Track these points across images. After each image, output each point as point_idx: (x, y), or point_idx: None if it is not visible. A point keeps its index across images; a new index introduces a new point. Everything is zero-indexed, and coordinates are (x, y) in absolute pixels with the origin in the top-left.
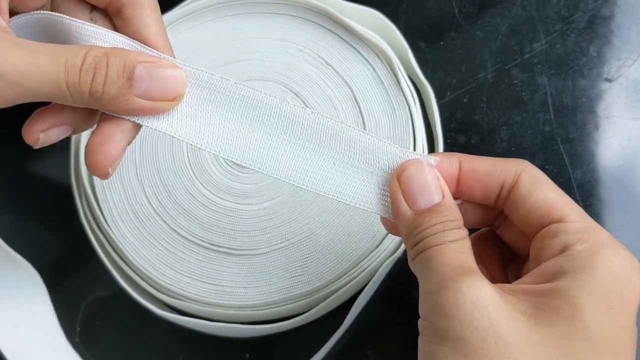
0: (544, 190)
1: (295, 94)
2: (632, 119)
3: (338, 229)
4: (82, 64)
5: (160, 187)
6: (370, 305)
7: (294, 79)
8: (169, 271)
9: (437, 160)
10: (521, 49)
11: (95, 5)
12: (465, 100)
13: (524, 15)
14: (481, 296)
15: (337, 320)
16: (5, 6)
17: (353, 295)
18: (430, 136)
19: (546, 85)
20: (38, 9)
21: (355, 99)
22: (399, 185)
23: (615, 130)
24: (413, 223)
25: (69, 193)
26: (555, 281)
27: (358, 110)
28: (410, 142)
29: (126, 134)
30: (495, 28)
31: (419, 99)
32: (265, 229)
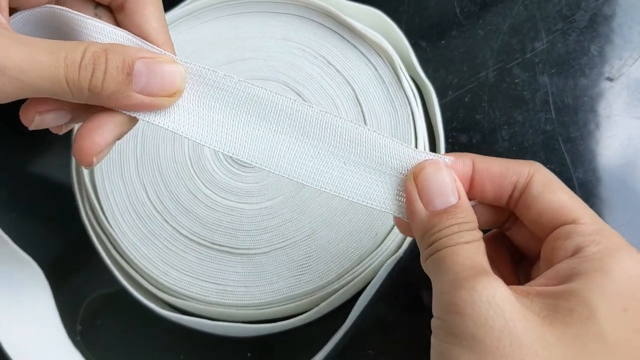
0: (556, 191)
1: (297, 93)
2: (634, 118)
3: (339, 228)
4: (82, 59)
5: (161, 186)
6: (371, 304)
7: (295, 78)
8: (170, 270)
9: (451, 160)
10: (522, 48)
11: (99, 2)
12: (466, 99)
13: (525, 14)
14: (496, 296)
15: (339, 320)
16: (4, 3)
17: (355, 295)
18: (431, 135)
19: (547, 85)
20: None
21: (357, 98)
22: (415, 185)
23: (616, 130)
24: (428, 224)
25: (70, 192)
26: (569, 283)
27: (359, 109)
28: (412, 141)
29: (117, 126)
30: (497, 27)
31: (420, 98)
32: (267, 228)
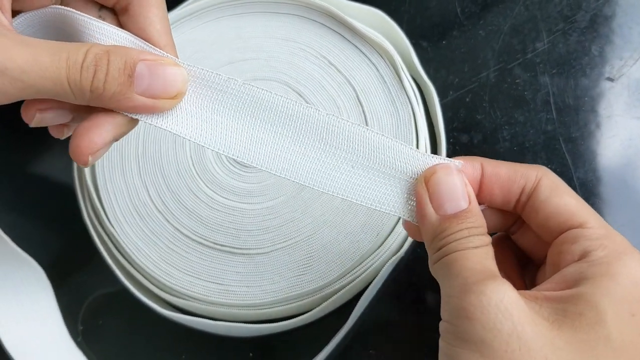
0: (564, 196)
1: (298, 93)
2: (634, 118)
3: (341, 228)
4: (84, 60)
5: (163, 186)
6: (373, 304)
7: (297, 78)
8: (172, 270)
9: (461, 164)
10: (523, 48)
11: (103, 4)
12: (467, 99)
13: (526, 14)
14: (505, 300)
15: (340, 320)
16: (7, 4)
17: (356, 295)
18: (432, 135)
19: (548, 85)
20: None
21: (358, 98)
22: (426, 189)
23: (617, 130)
24: (438, 228)
25: (72, 192)
26: (577, 287)
27: (361, 109)
28: (413, 141)
29: (116, 127)
30: (498, 27)
31: (421, 98)
32: (269, 228)
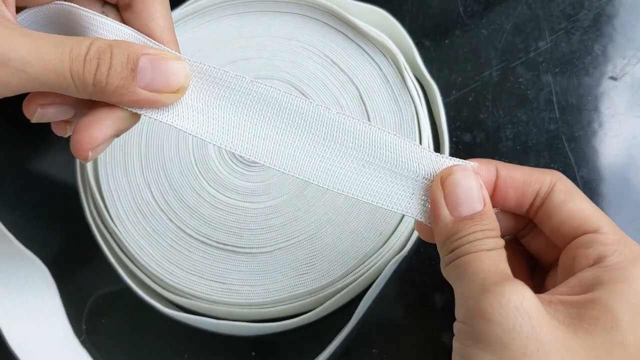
0: (578, 201)
1: (301, 92)
2: (637, 117)
3: (344, 227)
4: (86, 53)
5: (166, 185)
6: (376, 303)
7: (299, 77)
8: (174, 269)
9: (476, 166)
10: (526, 47)
11: (107, 0)
12: (470, 98)
13: (529, 13)
14: (524, 302)
15: (343, 319)
16: None
17: (359, 294)
18: (435, 134)
19: (551, 84)
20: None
21: (361, 97)
22: (442, 190)
23: (620, 129)
24: (452, 229)
25: (74, 191)
26: (592, 292)
27: (364, 108)
28: (416, 140)
29: (117, 122)
30: (501, 26)
31: (424, 97)
32: (272, 227)
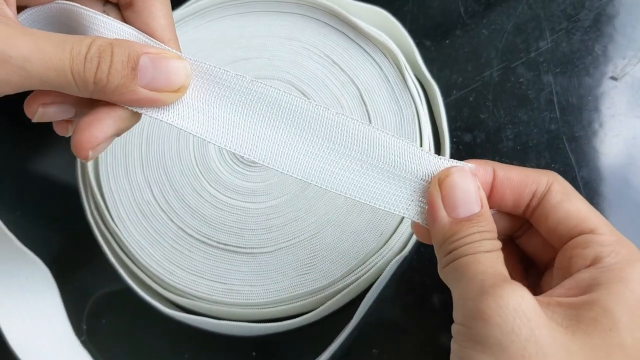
0: (575, 201)
1: (301, 92)
2: (638, 117)
3: (345, 227)
4: (87, 52)
5: (166, 185)
6: (377, 303)
7: (300, 77)
8: (175, 269)
9: (473, 167)
10: (527, 47)
11: None
12: (471, 98)
13: (529, 13)
14: (523, 304)
15: (344, 319)
16: None
17: (360, 294)
18: (436, 134)
19: (552, 84)
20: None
21: (362, 97)
22: (439, 191)
23: (620, 129)
24: (449, 231)
25: (75, 191)
26: (590, 293)
27: (364, 108)
28: (417, 140)
29: (117, 121)
30: (501, 26)
31: (425, 97)
32: (272, 227)
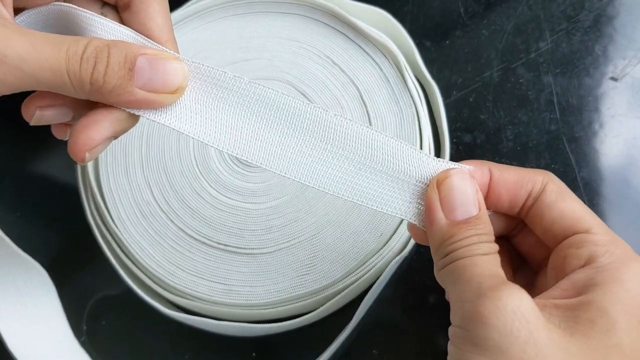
0: (569, 201)
1: (301, 93)
2: (638, 118)
3: (345, 227)
4: (84, 52)
5: (167, 186)
6: (376, 304)
7: (300, 78)
8: (175, 270)
9: (470, 169)
10: (527, 48)
11: (106, 1)
12: (471, 99)
13: (529, 14)
14: (522, 306)
15: (344, 320)
16: None
17: (360, 294)
18: (436, 135)
19: (552, 84)
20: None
21: (362, 98)
22: (437, 193)
23: (621, 129)
24: (447, 233)
25: (75, 191)
26: (586, 294)
27: (364, 109)
28: (417, 141)
29: (114, 123)
30: (501, 27)
31: (425, 98)
32: (272, 227)
